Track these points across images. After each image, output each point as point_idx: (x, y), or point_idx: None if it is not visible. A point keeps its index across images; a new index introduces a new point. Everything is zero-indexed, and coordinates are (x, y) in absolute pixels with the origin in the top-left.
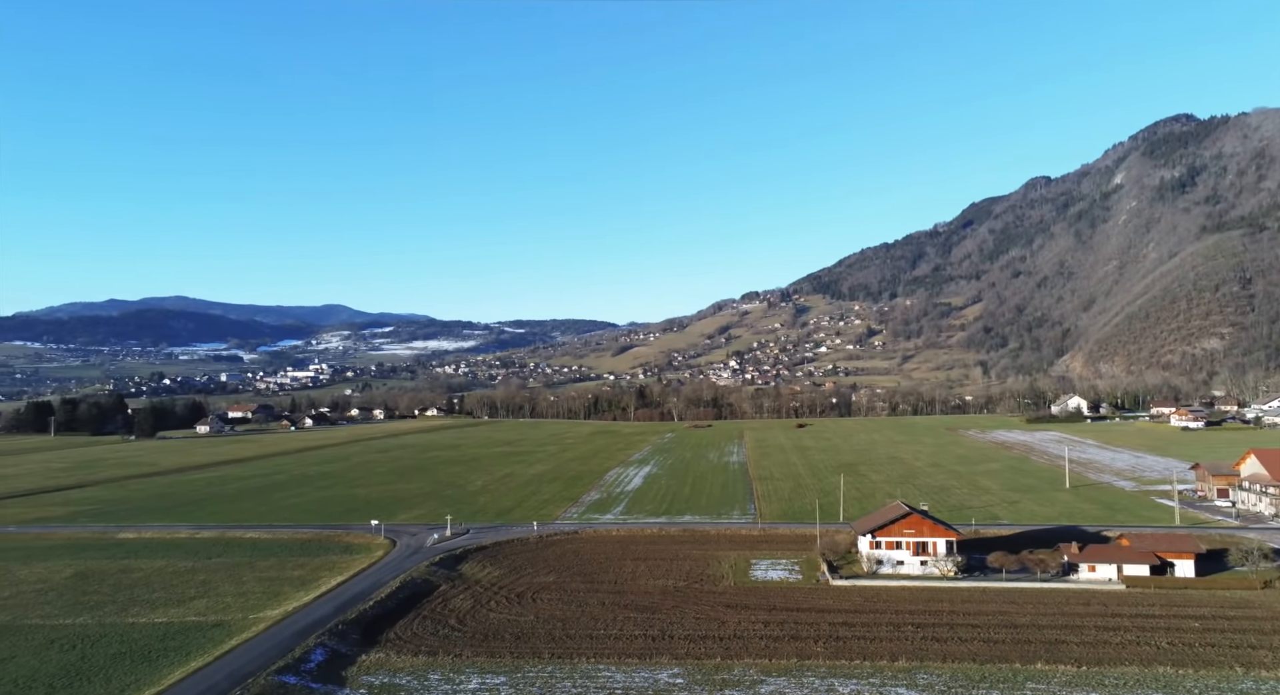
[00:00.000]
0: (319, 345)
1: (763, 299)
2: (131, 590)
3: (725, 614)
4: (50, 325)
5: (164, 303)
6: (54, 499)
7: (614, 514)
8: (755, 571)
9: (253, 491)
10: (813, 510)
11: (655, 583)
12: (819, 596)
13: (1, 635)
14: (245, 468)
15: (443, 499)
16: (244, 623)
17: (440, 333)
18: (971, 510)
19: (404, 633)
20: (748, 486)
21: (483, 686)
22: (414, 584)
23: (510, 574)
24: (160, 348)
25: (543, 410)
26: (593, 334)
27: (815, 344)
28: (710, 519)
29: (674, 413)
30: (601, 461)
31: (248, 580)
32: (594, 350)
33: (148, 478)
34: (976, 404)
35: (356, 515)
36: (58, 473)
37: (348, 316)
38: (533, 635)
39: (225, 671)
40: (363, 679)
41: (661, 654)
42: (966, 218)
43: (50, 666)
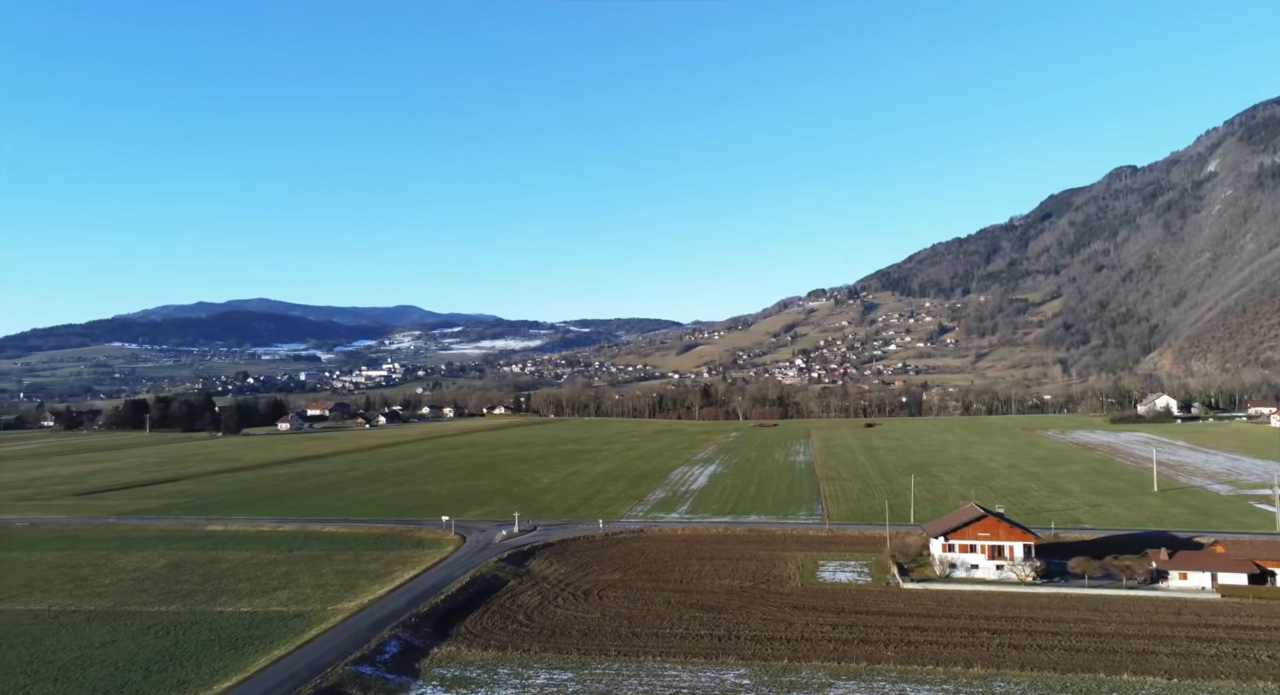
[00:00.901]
0: (391, 345)
1: (829, 296)
2: (219, 580)
3: (792, 615)
4: (145, 327)
5: (248, 305)
6: (149, 492)
7: (679, 513)
8: (823, 573)
9: (330, 487)
10: (882, 511)
11: (721, 582)
12: (889, 599)
13: (104, 620)
14: (323, 464)
15: (510, 496)
16: (323, 614)
17: (507, 332)
18: (1051, 513)
19: (474, 627)
20: (815, 486)
21: (550, 682)
22: (483, 579)
23: (576, 571)
24: (245, 348)
25: (608, 409)
26: (657, 333)
27: (884, 342)
28: (776, 519)
29: (739, 411)
30: (666, 460)
31: (326, 573)
32: (658, 349)
33: (233, 473)
34: (1055, 403)
35: (428, 511)
36: (152, 467)
37: (419, 317)
38: (599, 632)
39: (306, 661)
40: (435, 671)
41: (728, 654)
42: (1045, 210)
43: (147, 651)
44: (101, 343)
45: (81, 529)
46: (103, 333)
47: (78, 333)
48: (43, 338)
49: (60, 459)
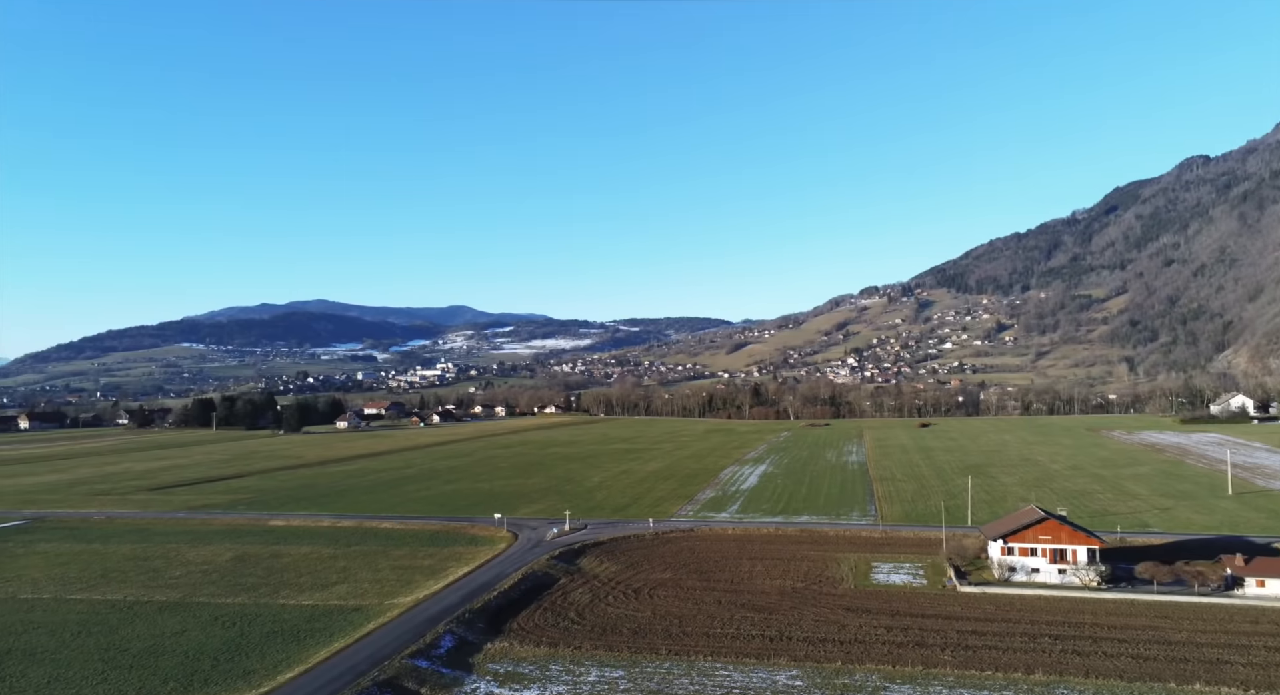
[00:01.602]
0: (445, 345)
1: (883, 294)
2: (282, 574)
3: (845, 617)
4: (212, 328)
5: (308, 306)
6: (216, 487)
7: (729, 512)
8: (876, 574)
9: (386, 484)
10: (938, 513)
11: (772, 583)
12: (946, 603)
13: (175, 610)
14: (379, 461)
15: (561, 494)
16: (380, 608)
17: (558, 332)
18: (1116, 517)
19: (526, 623)
20: (868, 487)
21: (602, 679)
22: (535, 576)
23: (627, 569)
24: (304, 348)
25: (657, 408)
26: (707, 332)
27: (939, 340)
28: (828, 519)
29: (790, 411)
30: (716, 459)
31: (383, 568)
32: (708, 348)
33: (294, 469)
34: (1121, 403)
35: (481, 508)
36: (219, 463)
37: (471, 317)
38: (650, 631)
39: (364, 653)
40: (488, 666)
41: (779, 655)
42: (1109, 203)
43: (215, 641)
44: (172, 343)
45: (154, 522)
46: (173, 334)
47: (150, 334)
48: (118, 339)
49: (134, 455)
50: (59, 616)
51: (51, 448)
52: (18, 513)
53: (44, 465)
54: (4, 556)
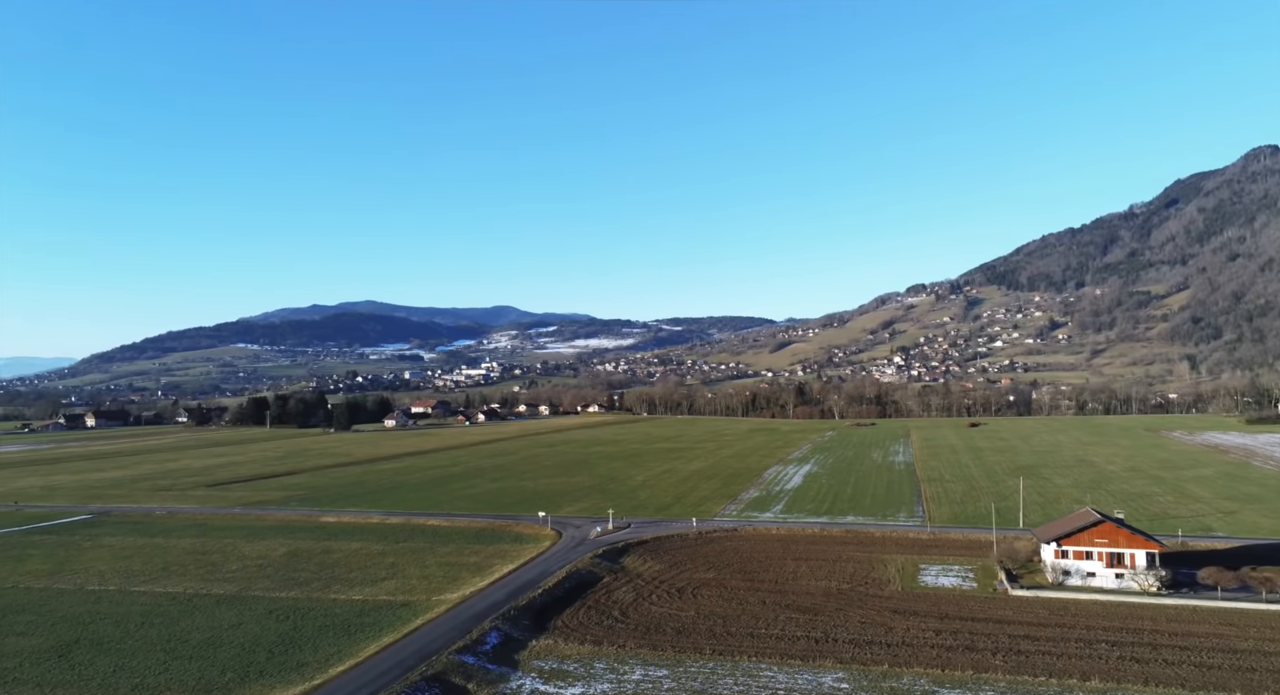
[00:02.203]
0: (489, 345)
1: (930, 291)
2: (333, 569)
3: (892, 619)
4: (265, 329)
5: (357, 307)
6: (270, 484)
7: (773, 512)
8: (924, 577)
9: (433, 482)
10: (988, 514)
11: (817, 584)
12: (996, 606)
13: (232, 604)
14: (426, 459)
15: (605, 493)
16: (427, 604)
17: (601, 331)
18: (1178, 520)
19: (570, 621)
20: (915, 488)
21: (646, 678)
22: (579, 575)
23: (671, 569)
24: (354, 348)
25: (700, 407)
26: (750, 331)
27: (989, 338)
28: (874, 520)
29: (834, 410)
30: (760, 459)
31: (430, 564)
32: (751, 347)
33: (344, 467)
34: (1182, 403)
35: (525, 506)
36: (273, 461)
37: (515, 317)
38: (694, 630)
39: (413, 648)
40: (533, 663)
41: (825, 657)
42: (1170, 196)
43: (270, 634)
44: (228, 344)
45: (211, 518)
46: (229, 334)
47: (207, 335)
48: (177, 339)
49: (193, 452)
50: (123, 608)
51: (116, 445)
52: (85, 507)
53: (109, 462)
54: (72, 549)
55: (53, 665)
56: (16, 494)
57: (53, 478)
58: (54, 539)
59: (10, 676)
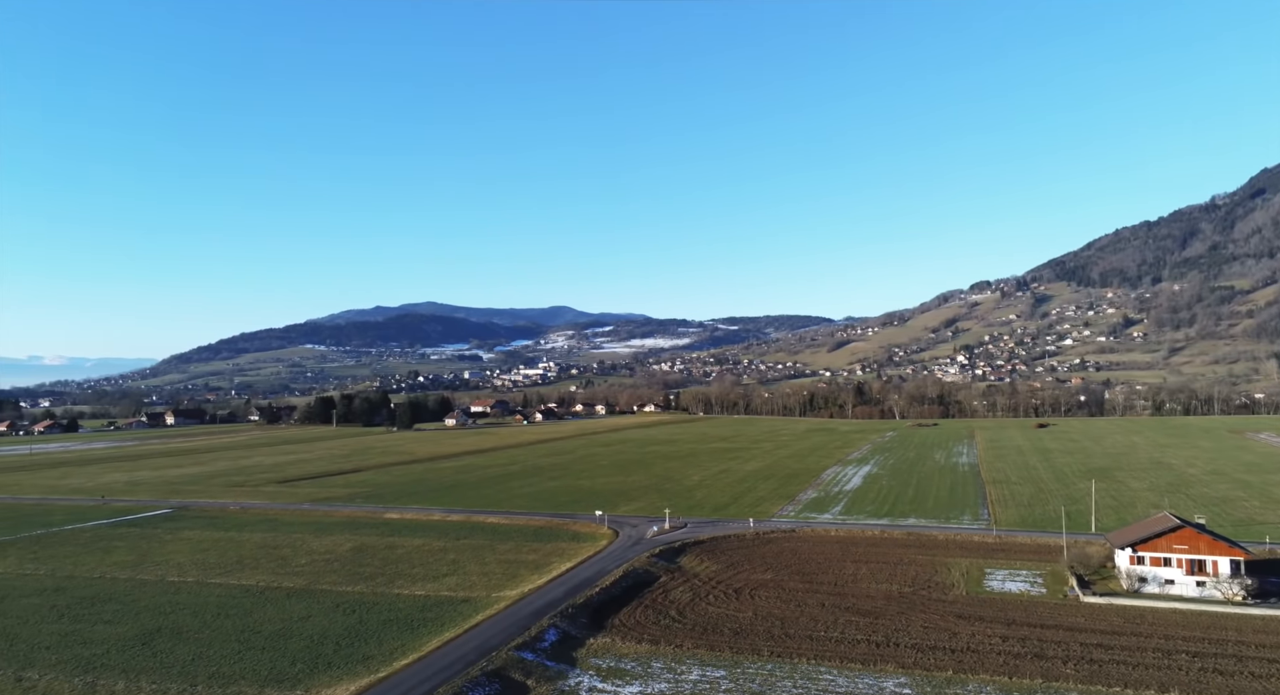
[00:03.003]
0: (546, 345)
1: (995, 288)
2: (397, 565)
3: (957, 624)
4: (332, 330)
5: (418, 308)
6: (336, 481)
7: (832, 514)
8: (990, 581)
9: (492, 480)
10: (1057, 518)
11: (878, 587)
12: (1067, 613)
13: (301, 597)
14: (485, 458)
15: (661, 492)
16: (487, 600)
17: (657, 331)
18: (1265, 526)
19: (627, 620)
20: (979, 490)
21: (703, 679)
22: (636, 574)
23: (728, 569)
24: (415, 348)
25: (757, 407)
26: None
27: (1058, 336)
28: (937, 523)
29: (895, 410)
30: (818, 459)
31: (489, 561)
32: (808, 346)
33: (407, 465)
34: (1270, 403)
35: (582, 505)
36: (339, 458)
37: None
38: (751, 632)
39: (473, 644)
40: (591, 661)
41: (886, 661)
42: (1256, 186)
43: (337, 627)
44: (296, 345)
45: (281, 513)
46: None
47: (277, 336)
48: (249, 341)
49: (264, 450)
50: (201, 598)
51: (193, 442)
52: (165, 502)
53: (187, 458)
54: (154, 542)
55: (137, 652)
56: (104, 488)
57: (136, 473)
58: (137, 531)
59: (99, 662)
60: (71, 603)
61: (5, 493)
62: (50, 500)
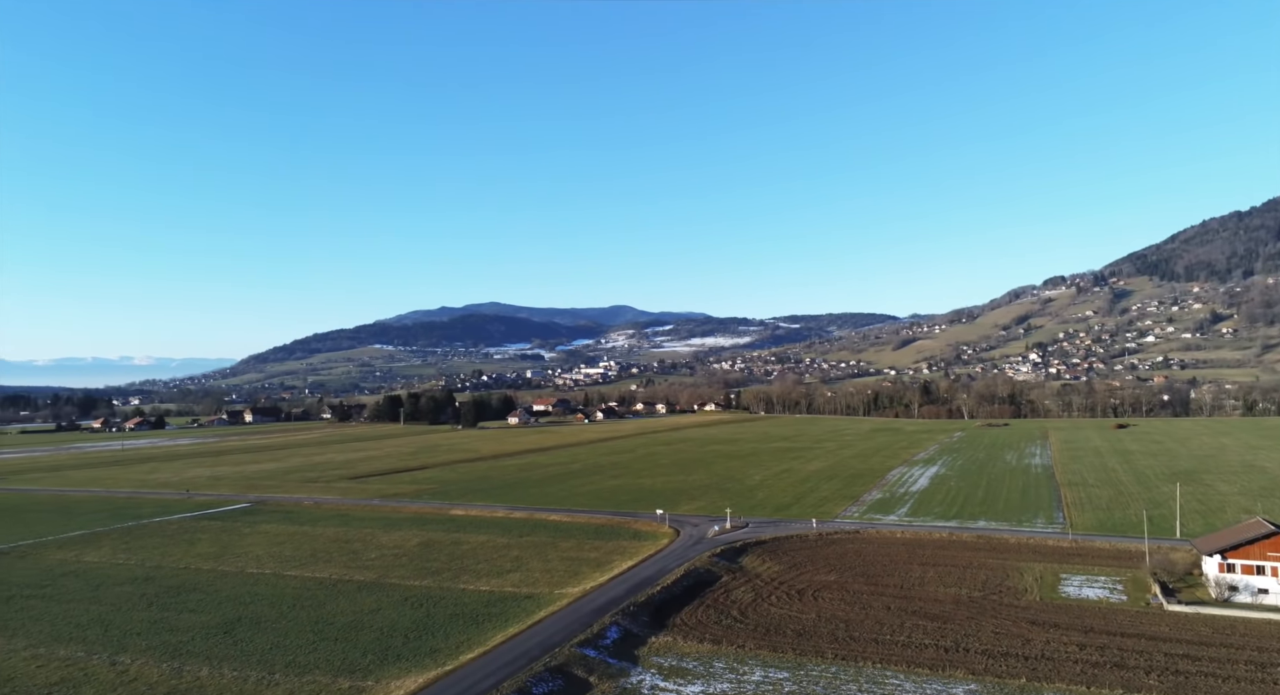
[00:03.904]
0: (607, 344)
1: (1070, 284)
2: (462, 560)
3: (1030, 631)
4: (399, 331)
5: (481, 309)
6: (404, 478)
7: (897, 515)
8: (1066, 587)
9: (554, 478)
10: (1138, 522)
11: (946, 590)
12: (1150, 622)
13: (371, 590)
14: (547, 456)
15: (722, 492)
16: (550, 597)
17: (717, 329)
18: None
19: (689, 619)
20: (1054, 492)
21: (766, 680)
22: (697, 573)
23: (790, 570)
24: (479, 348)
25: (819, 406)
26: (871, 327)
27: (1139, 333)
28: (1009, 526)
29: (963, 410)
30: (883, 460)
31: (552, 558)
32: (873, 344)
33: (471, 462)
34: None
35: (643, 504)
36: (406, 456)
37: (632, 316)
38: (815, 633)
39: (536, 640)
40: (653, 659)
41: (955, 667)
42: None
43: (405, 620)
44: (365, 345)
45: (352, 509)
46: (366, 336)
47: (347, 337)
48: (321, 341)
49: (335, 447)
50: (277, 590)
51: (269, 439)
52: (244, 496)
53: (264, 454)
54: (234, 535)
55: (219, 640)
56: (188, 483)
57: (217, 469)
58: (219, 525)
59: (185, 649)
60: (159, 592)
61: (100, 486)
62: (140, 494)
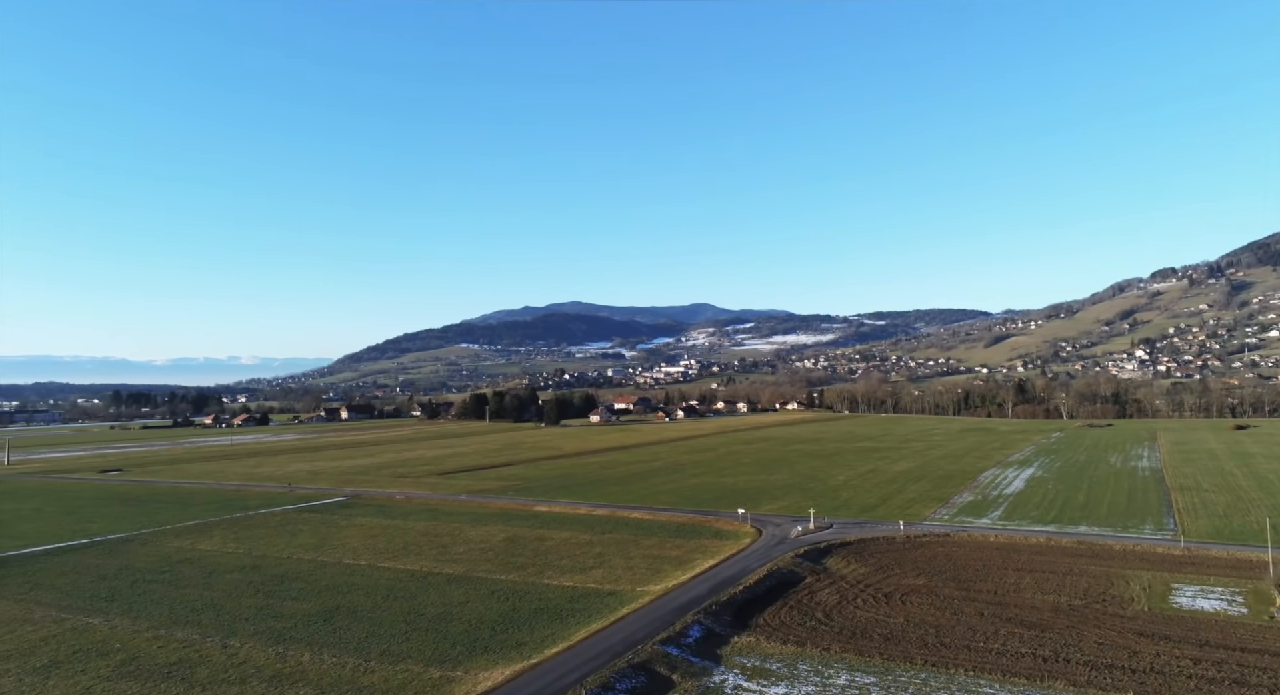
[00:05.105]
0: (687, 342)
1: (1182, 276)
2: (546, 556)
3: (1138, 642)
4: (484, 330)
5: (563, 308)
6: (489, 474)
7: (990, 518)
8: (1177, 598)
9: (635, 476)
10: (1260, 530)
11: (1044, 598)
12: (1274, 637)
13: (460, 583)
14: (629, 454)
15: (805, 492)
16: (632, 594)
17: (799, 327)
18: None
19: (772, 620)
20: (1163, 497)
21: (852, 684)
22: (780, 573)
23: (876, 572)
24: (561, 347)
25: (906, 405)
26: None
27: (1261, 328)
28: (1113, 532)
29: (1062, 409)
30: (974, 461)
31: (634, 556)
32: (963, 341)
33: (554, 460)
34: None
35: (724, 503)
36: (491, 453)
37: (712, 314)
38: (903, 638)
39: (619, 636)
40: (736, 659)
41: (1056, 677)
42: None
43: (492, 613)
44: (452, 344)
45: (441, 503)
46: (453, 335)
47: (435, 336)
48: (411, 341)
49: (425, 443)
50: (372, 581)
51: (363, 435)
52: (340, 490)
53: (359, 450)
54: (332, 527)
55: (319, 628)
56: (289, 477)
57: (315, 463)
58: (318, 517)
59: (289, 635)
60: (265, 579)
61: (211, 478)
62: (247, 486)
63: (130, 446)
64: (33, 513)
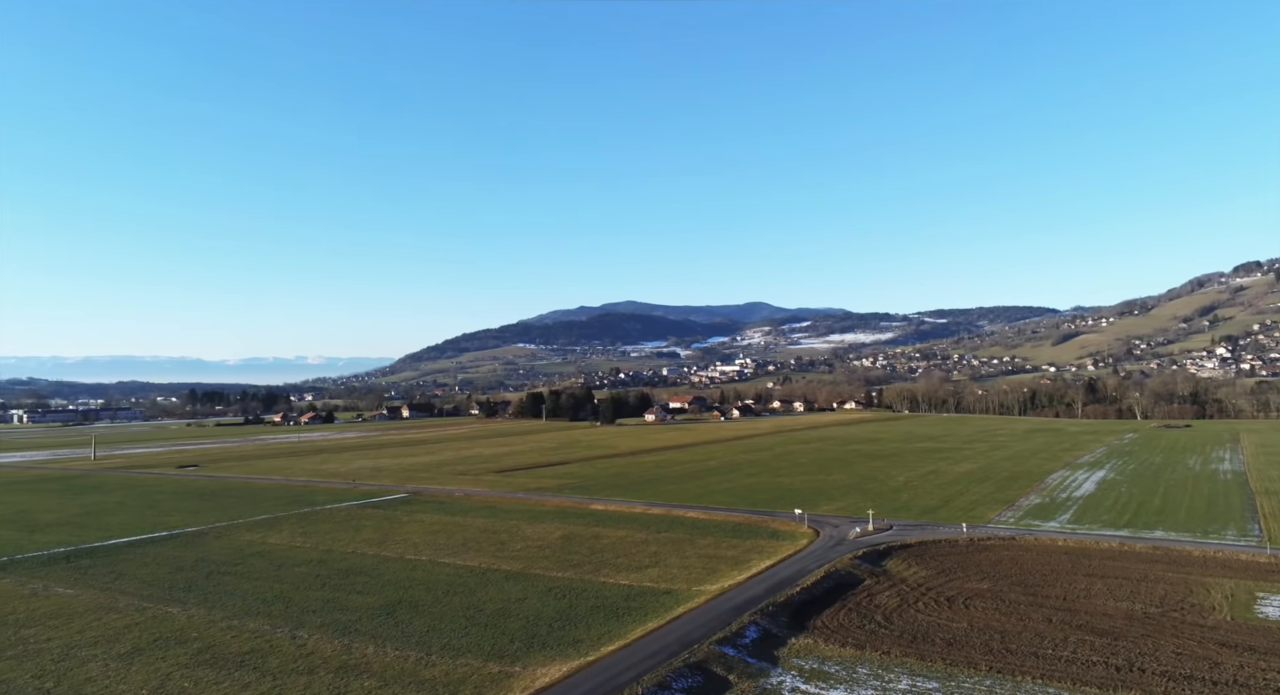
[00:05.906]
0: (742, 341)
1: (1268, 269)
2: (602, 554)
3: (1219, 653)
4: (540, 330)
5: (618, 307)
6: (546, 472)
7: (1058, 522)
8: (1263, 607)
9: (690, 475)
10: None
11: (1116, 605)
12: None
13: (517, 580)
14: (684, 453)
15: (864, 492)
16: (688, 593)
17: (856, 325)
18: None
19: (830, 622)
20: (1247, 501)
21: (913, 689)
22: (838, 575)
23: (938, 576)
24: (616, 346)
25: (969, 405)
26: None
27: None
28: (1191, 537)
29: (1135, 409)
30: (1041, 462)
31: (689, 555)
32: (1028, 339)
33: (609, 458)
34: None
35: (781, 503)
36: (548, 451)
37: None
38: (966, 643)
39: (675, 635)
40: (793, 661)
41: (1129, 688)
42: None
43: (549, 610)
44: (510, 344)
45: (499, 501)
46: (511, 335)
47: (493, 336)
48: (469, 341)
49: (483, 441)
50: (433, 576)
51: (424, 433)
52: (402, 487)
53: (420, 448)
54: (394, 523)
55: (382, 621)
56: (353, 473)
57: (378, 460)
58: (380, 513)
59: (353, 628)
60: (331, 573)
61: (279, 474)
62: (314, 482)
63: (205, 443)
64: (116, 506)
